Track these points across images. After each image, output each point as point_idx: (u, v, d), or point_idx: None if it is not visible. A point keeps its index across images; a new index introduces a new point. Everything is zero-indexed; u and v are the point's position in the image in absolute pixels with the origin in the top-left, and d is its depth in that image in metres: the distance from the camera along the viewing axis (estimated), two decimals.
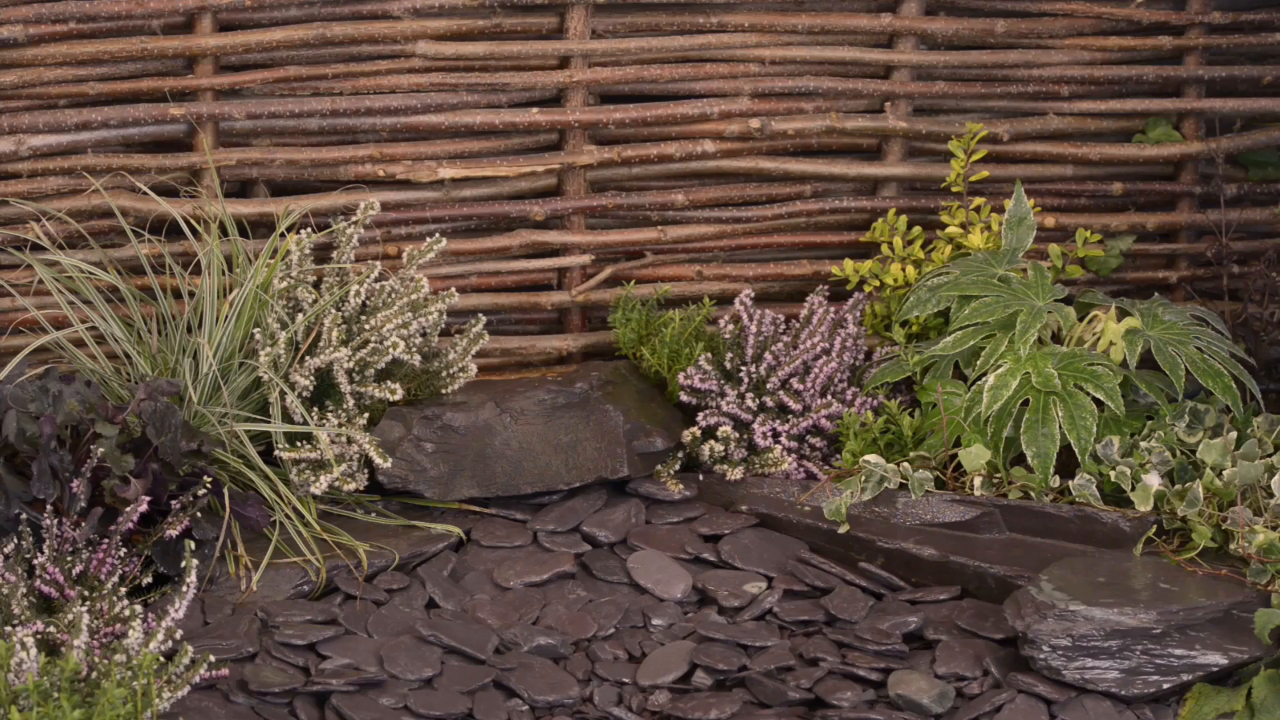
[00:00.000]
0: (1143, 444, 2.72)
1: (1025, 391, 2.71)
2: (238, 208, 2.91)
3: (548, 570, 2.62)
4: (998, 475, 2.72)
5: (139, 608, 2.28)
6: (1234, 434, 2.71)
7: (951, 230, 2.99)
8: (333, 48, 2.93)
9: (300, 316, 2.75)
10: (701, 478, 2.83)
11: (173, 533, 2.49)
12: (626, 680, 2.43)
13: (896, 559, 2.62)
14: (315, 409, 2.70)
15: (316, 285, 2.84)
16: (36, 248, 2.87)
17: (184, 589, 2.31)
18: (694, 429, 2.84)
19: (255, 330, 2.74)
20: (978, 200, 3.02)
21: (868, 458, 2.71)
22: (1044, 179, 3.18)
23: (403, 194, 2.99)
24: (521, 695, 2.38)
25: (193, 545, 2.36)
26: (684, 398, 2.88)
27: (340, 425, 2.68)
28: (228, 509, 2.56)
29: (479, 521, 2.73)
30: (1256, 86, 3.20)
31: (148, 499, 2.46)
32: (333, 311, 2.73)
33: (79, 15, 2.83)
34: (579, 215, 3.06)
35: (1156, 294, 3.11)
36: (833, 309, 2.96)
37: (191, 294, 2.84)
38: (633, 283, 3.08)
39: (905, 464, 2.71)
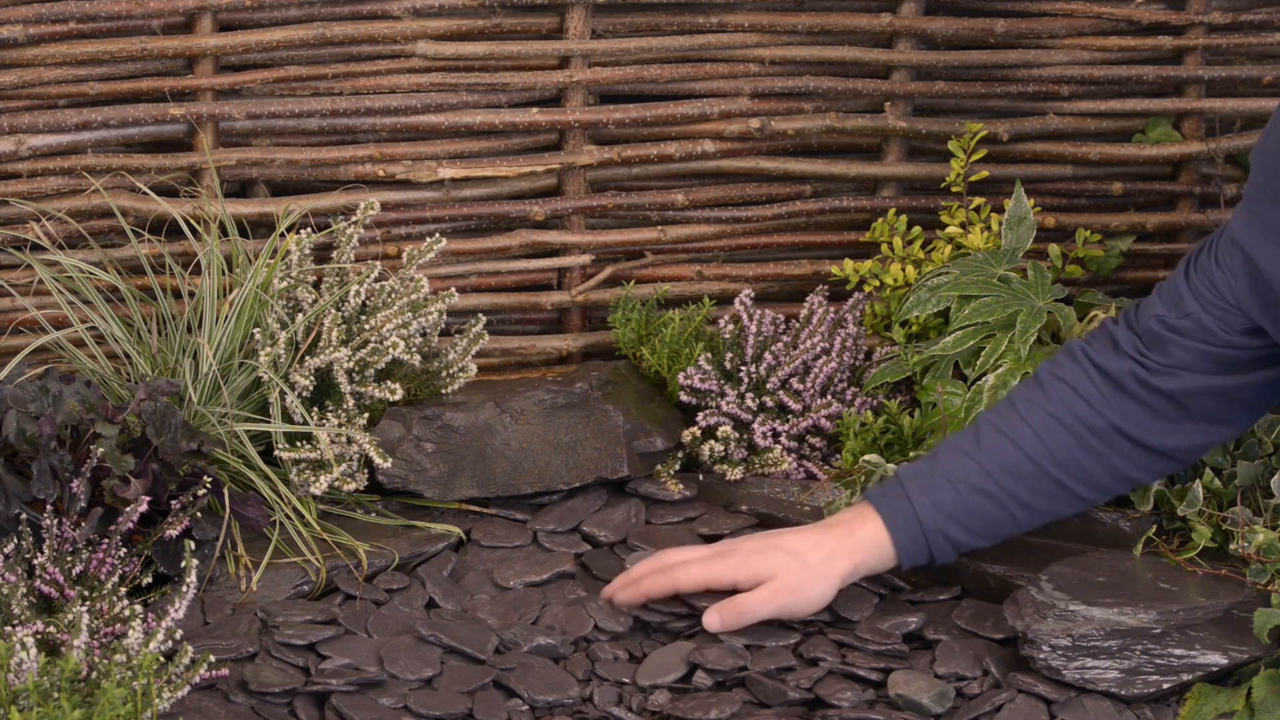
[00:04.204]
0: None
1: None
2: (238, 208, 2.91)
3: (548, 570, 2.62)
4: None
5: (139, 608, 2.28)
6: None
7: (951, 230, 2.99)
8: (333, 48, 2.94)
9: (300, 316, 2.75)
10: (701, 478, 2.83)
11: (173, 533, 2.49)
12: (626, 680, 2.43)
13: None
14: (315, 409, 2.70)
15: (316, 285, 2.84)
16: (36, 248, 2.87)
17: (184, 589, 2.31)
18: (694, 429, 2.84)
19: (255, 330, 2.74)
20: (978, 200, 3.02)
21: (868, 457, 2.71)
22: (1044, 179, 3.18)
23: (403, 194, 2.99)
24: (521, 695, 2.38)
25: (193, 545, 2.36)
26: (684, 398, 2.88)
27: (340, 425, 2.68)
28: (228, 509, 2.56)
29: (479, 521, 2.73)
30: (1256, 86, 3.20)
31: (148, 499, 2.46)
32: (333, 311, 2.73)
33: (79, 15, 2.83)
34: (579, 215, 3.06)
35: None
36: (833, 309, 2.96)
37: (191, 294, 2.84)
38: (633, 283, 3.08)
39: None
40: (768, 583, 2.44)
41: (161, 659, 2.19)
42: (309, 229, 2.89)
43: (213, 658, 2.25)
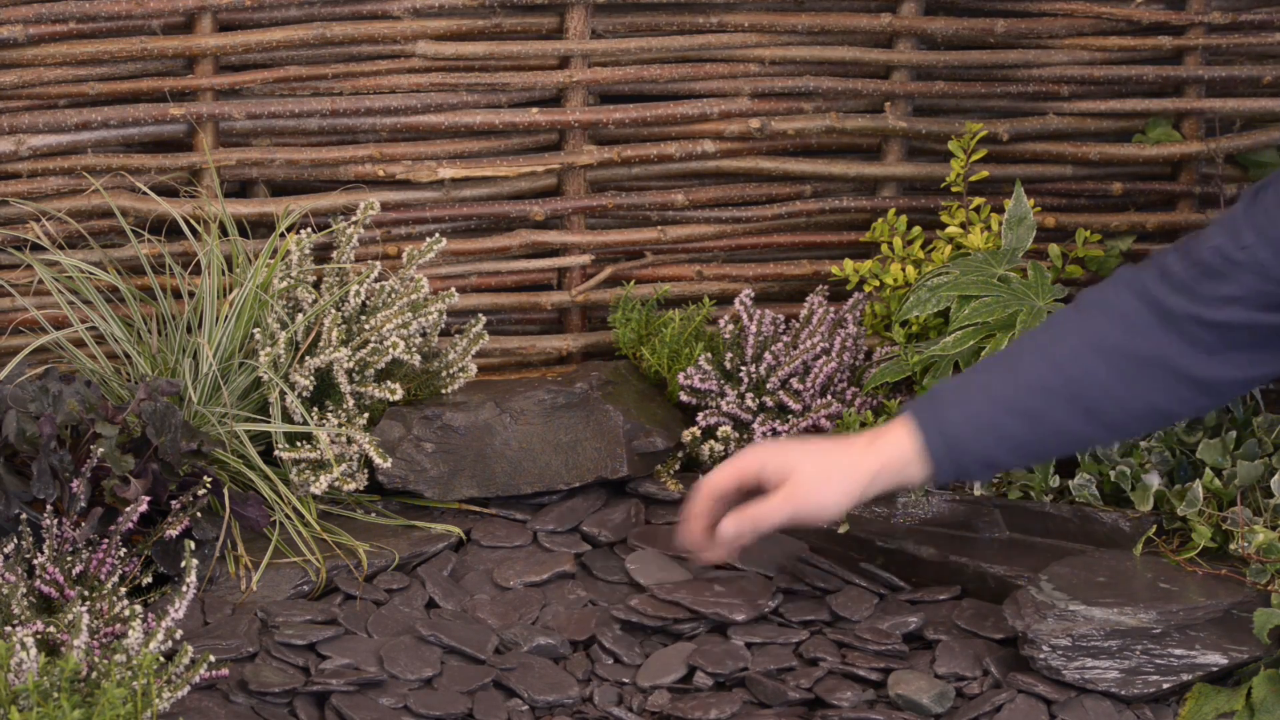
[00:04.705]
0: (1142, 443, 2.72)
1: None
2: (238, 208, 2.91)
3: (547, 570, 2.62)
4: (997, 474, 2.71)
5: (139, 608, 2.28)
6: (1234, 434, 2.71)
7: (951, 230, 2.99)
8: (333, 48, 2.94)
9: (300, 316, 2.75)
10: (701, 477, 2.83)
11: (173, 533, 2.49)
12: (626, 681, 2.43)
13: (896, 559, 2.62)
14: (315, 409, 2.70)
15: (316, 285, 2.84)
16: (36, 248, 2.87)
17: (184, 589, 2.31)
18: (694, 429, 2.84)
19: (255, 330, 2.74)
20: (978, 200, 3.02)
21: None
22: (1044, 179, 3.18)
23: (403, 194, 2.99)
24: (521, 695, 2.38)
25: (193, 545, 2.36)
26: (684, 398, 2.88)
27: (340, 425, 2.68)
28: (228, 509, 2.56)
29: (479, 521, 2.73)
30: (1256, 86, 3.20)
31: (148, 499, 2.46)
32: (333, 311, 2.73)
33: (79, 15, 2.83)
34: (579, 215, 3.06)
35: None
36: (833, 309, 2.96)
37: (191, 294, 2.84)
38: (632, 283, 3.08)
39: None
40: (782, 487, 2.43)
41: (161, 659, 2.19)
42: (309, 229, 2.89)
43: (213, 658, 2.25)
